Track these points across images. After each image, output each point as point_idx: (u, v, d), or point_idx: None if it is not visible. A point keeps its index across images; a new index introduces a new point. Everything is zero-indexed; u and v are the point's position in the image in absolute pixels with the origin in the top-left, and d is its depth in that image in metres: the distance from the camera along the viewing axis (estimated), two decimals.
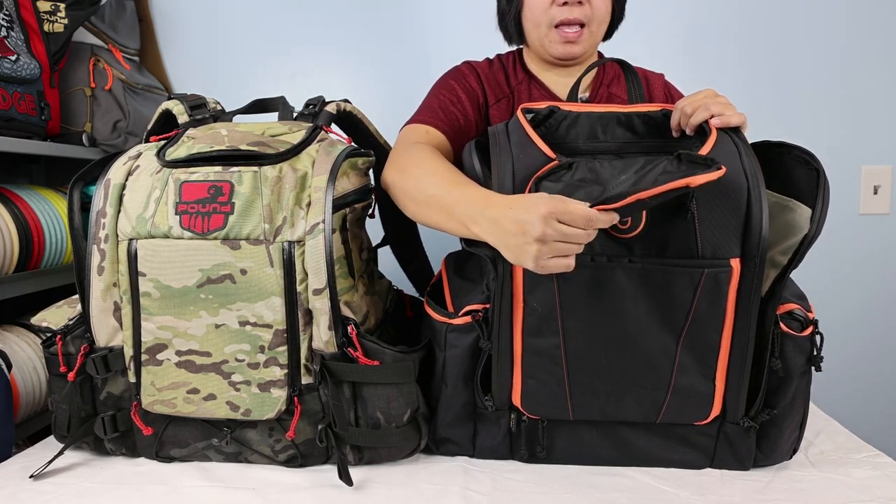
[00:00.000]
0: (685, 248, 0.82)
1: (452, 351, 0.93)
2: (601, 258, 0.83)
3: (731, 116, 0.88)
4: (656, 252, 0.82)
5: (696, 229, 0.82)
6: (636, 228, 0.83)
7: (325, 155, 0.92)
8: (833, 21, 1.90)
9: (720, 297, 0.83)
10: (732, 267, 0.82)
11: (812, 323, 0.89)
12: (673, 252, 0.82)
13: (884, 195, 1.93)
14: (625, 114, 0.92)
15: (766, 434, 0.92)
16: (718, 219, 0.82)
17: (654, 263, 0.82)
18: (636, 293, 0.83)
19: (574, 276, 0.82)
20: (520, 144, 0.89)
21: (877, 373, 2.00)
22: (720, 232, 0.82)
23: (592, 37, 1.15)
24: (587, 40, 1.14)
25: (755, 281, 0.83)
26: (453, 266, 1.06)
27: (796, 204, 0.86)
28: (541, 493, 0.88)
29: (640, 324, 0.84)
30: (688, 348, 0.85)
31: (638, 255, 0.83)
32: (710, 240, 0.82)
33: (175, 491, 0.89)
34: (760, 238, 0.81)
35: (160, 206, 0.87)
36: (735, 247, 0.82)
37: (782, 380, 0.89)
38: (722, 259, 0.82)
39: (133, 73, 1.87)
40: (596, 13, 1.12)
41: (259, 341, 0.89)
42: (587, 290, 0.83)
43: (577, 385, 0.88)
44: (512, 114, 1.19)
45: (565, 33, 1.12)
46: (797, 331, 0.88)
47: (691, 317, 0.84)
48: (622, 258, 0.83)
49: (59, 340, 0.95)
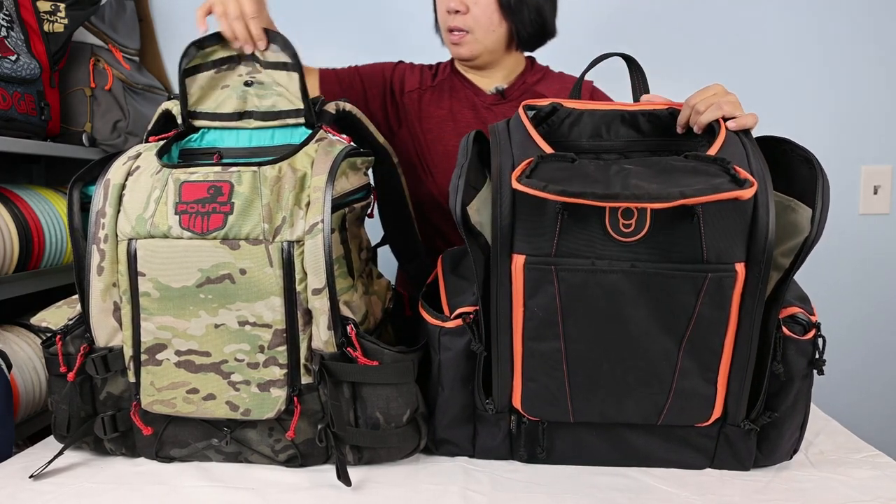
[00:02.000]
0: (690, 251, 0.80)
1: (447, 354, 0.92)
2: (603, 262, 0.81)
3: (747, 118, 0.89)
4: (660, 256, 0.80)
5: (701, 233, 0.79)
6: (640, 231, 0.81)
7: (324, 155, 0.92)
8: (833, 21, 1.90)
9: (724, 301, 0.81)
10: (737, 271, 0.80)
11: (815, 326, 0.87)
12: (677, 256, 0.80)
13: (884, 195, 1.93)
14: (629, 112, 0.91)
15: (766, 436, 0.92)
16: (724, 222, 0.79)
17: (657, 268, 0.80)
18: (638, 298, 0.81)
19: (575, 281, 0.81)
20: (521, 144, 0.88)
21: (877, 372, 2.00)
22: (725, 236, 0.80)
23: (479, 42, 1.30)
24: (471, 44, 1.30)
25: (760, 285, 0.81)
26: (449, 264, 1.05)
27: (798, 204, 0.85)
28: (541, 493, 0.88)
29: (641, 328, 0.83)
30: (689, 353, 0.84)
31: (642, 259, 0.81)
32: (715, 244, 0.79)
33: (175, 491, 0.89)
34: (766, 242, 0.79)
35: (160, 206, 0.87)
36: (740, 251, 0.80)
37: (784, 383, 0.88)
38: (727, 263, 0.80)
39: (133, 73, 1.87)
40: (478, 22, 1.27)
41: (258, 341, 0.89)
42: (588, 295, 0.82)
43: (578, 388, 0.88)
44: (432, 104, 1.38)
45: (452, 37, 1.31)
46: (799, 334, 0.86)
47: (694, 321, 0.82)
48: (625, 262, 0.81)
49: (59, 340, 0.94)
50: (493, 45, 1.31)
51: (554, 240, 0.81)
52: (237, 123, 1.01)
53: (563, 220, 0.80)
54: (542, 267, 0.82)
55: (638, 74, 1.02)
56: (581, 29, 1.95)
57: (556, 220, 0.81)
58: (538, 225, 0.82)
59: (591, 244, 0.81)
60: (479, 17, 1.26)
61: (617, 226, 0.80)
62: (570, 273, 0.81)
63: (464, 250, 1.05)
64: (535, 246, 0.82)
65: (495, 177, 0.84)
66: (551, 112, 0.91)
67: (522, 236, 0.83)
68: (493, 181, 0.85)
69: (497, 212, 0.83)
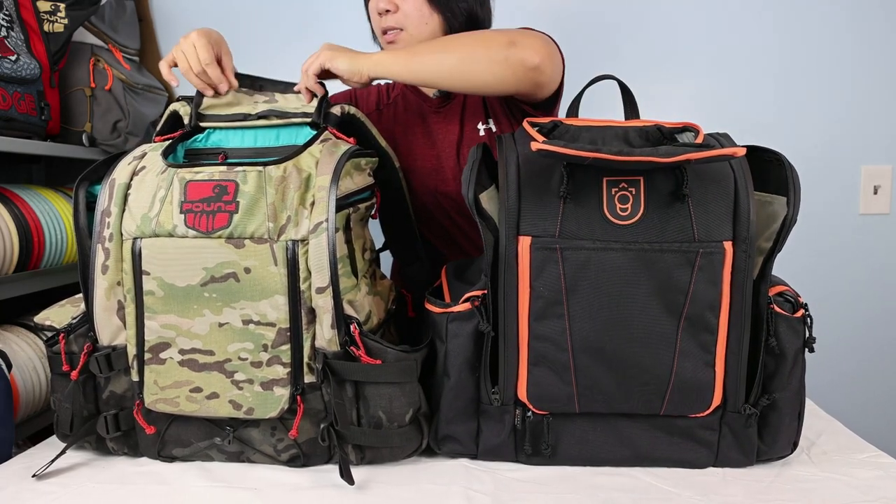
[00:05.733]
0: (682, 230, 0.87)
1: (455, 341, 0.94)
2: (601, 242, 0.87)
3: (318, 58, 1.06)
4: (655, 236, 0.88)
5: (691, 213, 0.88)
6: (636, 215, 0.88)
7: (328, 155, 0.92)
8: (833, 21, 1.91)
9: (716, 276, 0.88)
10: (725, 249, 0.87)
11: (802, 305, 0.94)
12: (671, 236, 0.87)
13: (884, 195, 1.94)
14: (622, 128, 0.97)
15: (766, 423, 0.94)
16: (711, 204, 0.88)
17: (653, 246, 0.87)
18: (637, 275, 0.87)
19: (579, 260, 0.87)
20: (524, 142, 0.92)
21: (878, 372, 2.01)
22: (713, 216, 0.88)
23: (413, 38, 1.28)
24: (406, 41, 1.28)
25: (747, 261, 0.88)
26: (453, 272, 1.08)
27: (773, 197, 0.92)
28: (543, 493, 0.88)
29: (641, 306, 0.88)
30: (688, 331, 0.89)
31: (639, 240, 0.88)
32: (703, 222, 0.88)
33: (177, 491, 0.89)
34: (749, 222, 0.87)
35: (165, 205, 0.88)
36: (727, 230, 0.88)
37: (778, 364, 0.93)
38: (716, 241, 0.87)
39: (133, 73, 1.87)
40: (409, 18, 1.26)
41: (262, 340, 0.89)
42: (591, 274, 0.88)
43: (583, 372, 0.90)
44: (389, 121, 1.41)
45: (387, 38, 1.29)
46: (789, 311, 0.92)
47: (690, 297, 0.88)
48: (622, 242, 0.88)
49: (63, 339, 0.94)
50: (429, 36, 1.29)
51: (557, 223, 0.88)
52: (242, 123, 1.02)
53: (566, 205, 0.88)
54: (548, 247, 0.88)
55: (628, 97, 1.08)
56: (579, 27, 1.96)
57: (559, 205, 0.88)
58: (542, 208, 0.89)
59: (591, 227, 0.88)
60: (409, 12, 1.26)
61: (615, 210, 0.88)
62: (573, 252, 0.87)
63: (467, 261, 1.13)
64: (541, 228, 0.88)
65: (502, 166, 0.91)
66: (553, 128, 0.96)
67: (528, 219, 0.89)
68: (500, 169, 0.91)
69: (504, 196, 0.90)
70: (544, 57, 1.04)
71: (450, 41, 1.11)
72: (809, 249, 1.93)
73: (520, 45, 1.02)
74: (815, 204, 1.90)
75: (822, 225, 1.95)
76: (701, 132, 0.92)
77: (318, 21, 1.99)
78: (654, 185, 0.88)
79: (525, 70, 1.03)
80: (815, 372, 1.09)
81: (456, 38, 1.12)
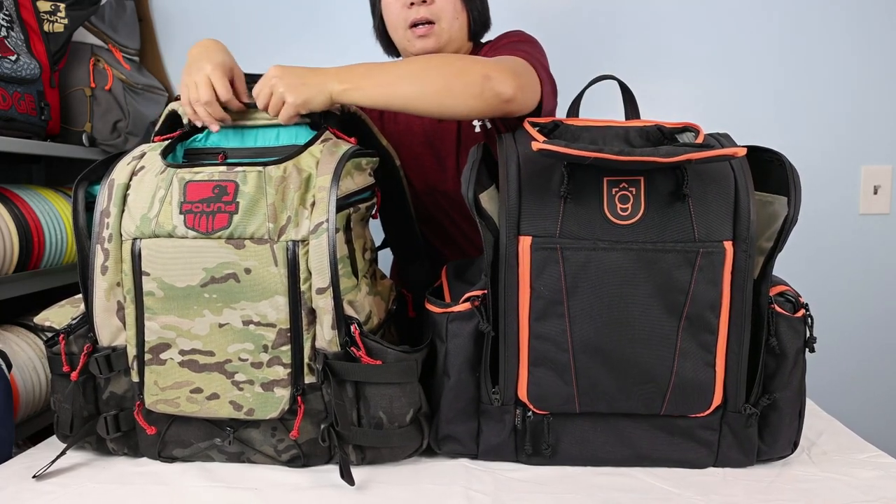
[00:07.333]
0: (682, 230, 0.87)
1: (455, 340, 0.94)
2: (602, 242, 0.87)
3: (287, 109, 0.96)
4: (656, 236, 0.88)
5: (691, 213, 0.88)
6: (636, 215, 0.88)
7: (329, 155, 0.92)
8: (834, 20, 1.90)
9: (716, 276, 0.88)
10: (726, 248, 0.87)
11: (803, 305, 0.94)
12: (671, 236, 0.87)
13: (884, 195, 1.94)
14: (623, 128, 0.98)
15: (767, 423, 0.94)
16: (711, 204, 0.88)
17: (654, 246, 0.87)
18: (638, 275, 0.88)
19: (579, 260, 0.87)
20: (525, 142, 0.92)
21: (878, 372, 2.00)
22: (713, 216, 0.88)
23: (446, 32, 1.25)
24: (439, 35, 1.25)
25: (748, 261, 0.88)
26: (453, 272, 1.08)
27: (774, 197, 0.92)
28: (544, 493, 0.88)
29: (642, 306, 0.88)
30: (688, 331, 0.89)
31: (640, 240, 0.88)
32: (704, 222, 0.88)
33: (177, 491, 0.89)
34: (749, 222, 0.87)
35: (164, 205, 0.87)
36: (727, 230, 0.88)
37: (779, 363, 0.93)
38: (716, 241, 0.87)
39: (133, 73, 1.87)
40: (443, 11, 1.23)
41: (262, 340, 0.89)
42: (592, 274, 0.88)
43: (583, 372, 0.90)
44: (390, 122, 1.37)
45: (417, 31, 1.24)
46: (790, 311, 0.92)
47: (690, 297, 0.88)
48: (623, 242, 0.88)
49: (63, 340, 0.94)
50: (457, 33, 1.29)
51: (558, 223, 0.88)
52: (242, 122, 1.01)
53: (566, 205, 0.88)
54: (548, 247, 0.88)
55: (628, 97, 1.08)
56: (579, 27, 1.96)
57: (560, 205, 0.88)
58: (543, 208, 0.89)
59: (591, 227, 0.88)
60: (444, 5, 1.24)
61: (615, 210, 0.88)
62: (574, 252, 0.88)
63: (467, 261, 1.13)
64: (541, 228, 0.88)
65: (502, 166, 0.91)
66: (554, 128, 0.96)
67: (528, 219, 0.89)
68: (501, 169, 0.91)
69: (505, 195, 0.90)
70: (516, 89, 1.02)
71: (424, 70, 1.04)
72: (810, 249, 1.93)
73: (494, 79, 1.00)
74: (816, 204, 1.90)
75: (823, 225, 1.95)
76: (701, 132, 0.92)
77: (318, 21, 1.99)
78: (654, 185, 0.88)
79: (499, 102, 1.01)
80: (815, 372, 1.09)
81: (432, 67, 1.05)
